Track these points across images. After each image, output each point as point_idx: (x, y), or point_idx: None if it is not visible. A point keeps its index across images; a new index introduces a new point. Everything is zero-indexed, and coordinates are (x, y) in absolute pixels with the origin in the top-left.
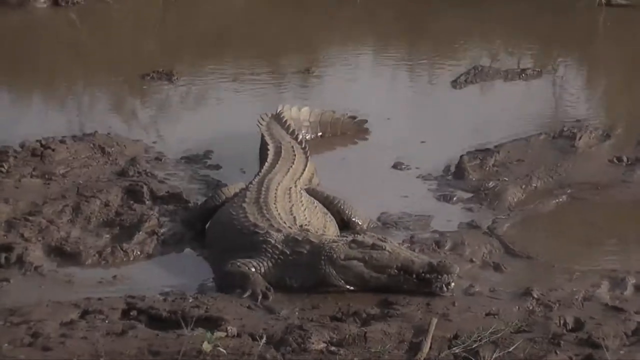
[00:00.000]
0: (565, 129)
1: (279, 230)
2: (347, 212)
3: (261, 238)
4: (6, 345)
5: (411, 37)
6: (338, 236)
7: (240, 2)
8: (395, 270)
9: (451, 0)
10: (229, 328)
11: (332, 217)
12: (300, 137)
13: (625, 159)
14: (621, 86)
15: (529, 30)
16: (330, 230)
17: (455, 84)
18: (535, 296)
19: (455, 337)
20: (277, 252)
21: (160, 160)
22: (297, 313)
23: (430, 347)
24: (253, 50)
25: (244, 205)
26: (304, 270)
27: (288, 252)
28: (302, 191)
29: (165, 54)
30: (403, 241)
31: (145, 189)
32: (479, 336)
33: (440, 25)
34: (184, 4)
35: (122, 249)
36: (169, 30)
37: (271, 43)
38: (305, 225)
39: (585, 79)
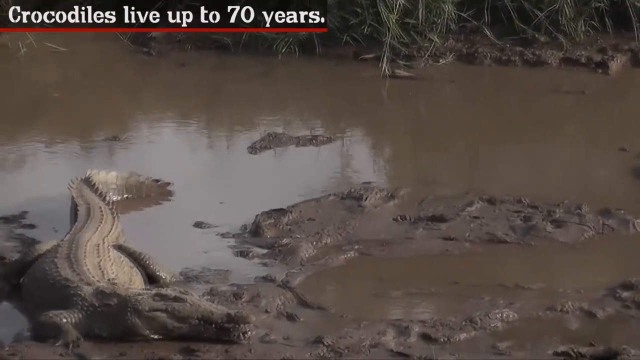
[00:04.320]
0: (353, 190)
1: (88, 284)
2: (152, 266)
3: (72, 291)
4: None
5: (211, 105)
6: (143, 289)
7: (54, 74)
8: (196, 321)
9: (247, 71)
10: None
11: (138, 272)
12: (108, 198)
13: (408, 217)
14: (405, 152)
15: (320, 98)
16: (136, 283)
17: (251, 149)
18: (326, 343)
19: None
20: (87, 304)
21: None
22: None
23: None
24: (65, 119)
25: (56, 260)
26: (112, 321)
27: (97, 304)
28: (110, 247)
29: None
30: (203, 294)
31: None
32: None
33: (237, 95)
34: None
35: None
36: None
37: (82, 112)
38: (113, 278)
39: (371, 145)
